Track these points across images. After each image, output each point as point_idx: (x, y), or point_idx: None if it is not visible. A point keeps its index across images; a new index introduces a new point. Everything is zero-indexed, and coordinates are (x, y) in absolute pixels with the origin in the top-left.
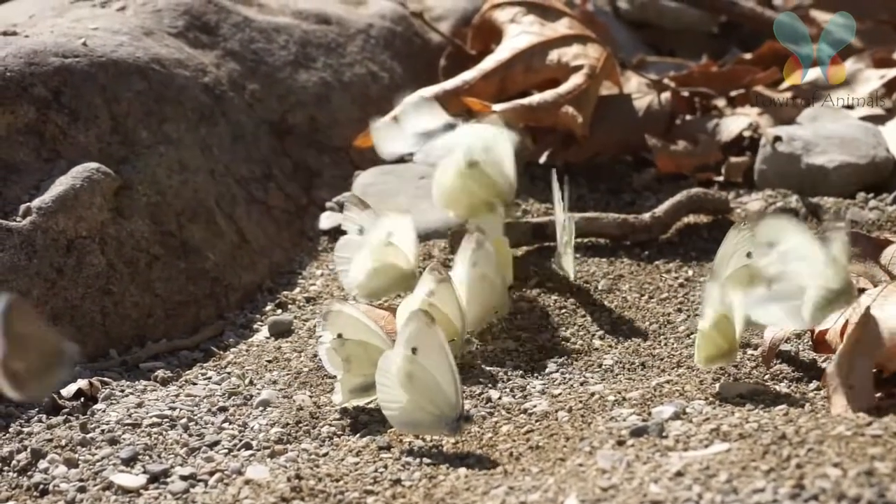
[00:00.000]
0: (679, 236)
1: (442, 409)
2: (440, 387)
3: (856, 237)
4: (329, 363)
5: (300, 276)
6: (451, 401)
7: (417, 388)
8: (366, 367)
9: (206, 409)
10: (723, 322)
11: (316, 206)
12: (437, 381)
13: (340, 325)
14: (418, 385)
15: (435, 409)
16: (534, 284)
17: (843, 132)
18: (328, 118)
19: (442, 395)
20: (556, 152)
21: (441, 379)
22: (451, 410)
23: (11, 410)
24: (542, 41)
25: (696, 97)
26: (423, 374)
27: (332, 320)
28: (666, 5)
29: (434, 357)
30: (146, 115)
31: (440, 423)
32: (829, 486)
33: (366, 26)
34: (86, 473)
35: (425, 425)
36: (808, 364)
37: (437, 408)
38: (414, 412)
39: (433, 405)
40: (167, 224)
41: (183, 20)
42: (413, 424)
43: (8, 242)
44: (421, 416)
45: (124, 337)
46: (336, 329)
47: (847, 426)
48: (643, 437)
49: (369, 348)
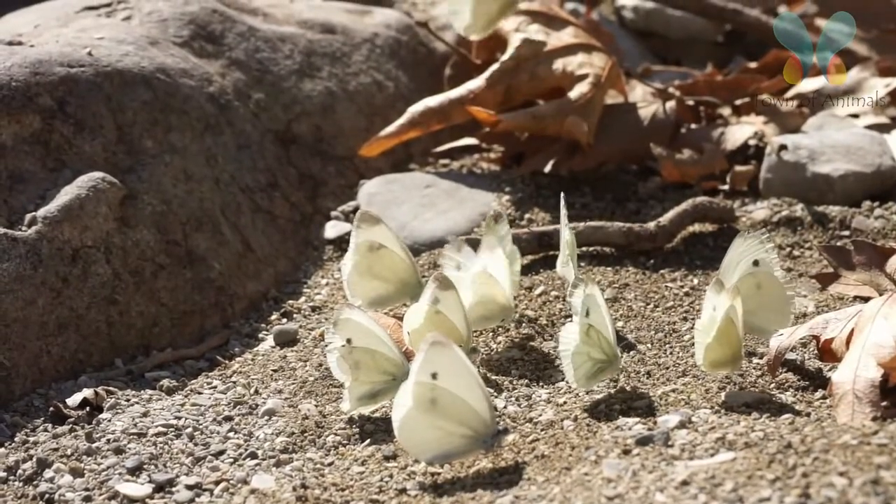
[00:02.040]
0: (684, 245)
1: (476, 428)
2: (469, 406)
3: (861, 246)
4: (337, 369)
5: (305, 285)
6: (484, 418)
7: (443, 413)
8: (374, 375)
9: (211, 418)
10: (727, 329)
11: (321, 215)
12: (464, 401)
13: (349, 331)
14: (444, 410)
15: (468, 430)
16: (539, 293)
17: (849, 141)
18: (333, 127)
19: (473, 415)
20: (561, 161)
21: (469, 397)
22: (485, 428)
23: (17, 420)
24: (548, 50)
25: (701, 106)
26: (449, 397)
27: (342, 326)
28: (671, 14)
29: (457, 377)
30: (151, 124)
31: (476, 444)
32: (835, 495)
33: (371, 36)
34: (91, 483)
35: (461, 451)
36: (814, 373)
37: (469, 429)
38: (443, 442)
39: (465, 427)
40: (172, 233)
41: (188, 30)
42: (447, 455)
43: (13, 252)
44: (453, 443)
45: (130, 346)
46: (345, 335)
47: (853, 435)
48: (649, 445)
49: (377, 356)
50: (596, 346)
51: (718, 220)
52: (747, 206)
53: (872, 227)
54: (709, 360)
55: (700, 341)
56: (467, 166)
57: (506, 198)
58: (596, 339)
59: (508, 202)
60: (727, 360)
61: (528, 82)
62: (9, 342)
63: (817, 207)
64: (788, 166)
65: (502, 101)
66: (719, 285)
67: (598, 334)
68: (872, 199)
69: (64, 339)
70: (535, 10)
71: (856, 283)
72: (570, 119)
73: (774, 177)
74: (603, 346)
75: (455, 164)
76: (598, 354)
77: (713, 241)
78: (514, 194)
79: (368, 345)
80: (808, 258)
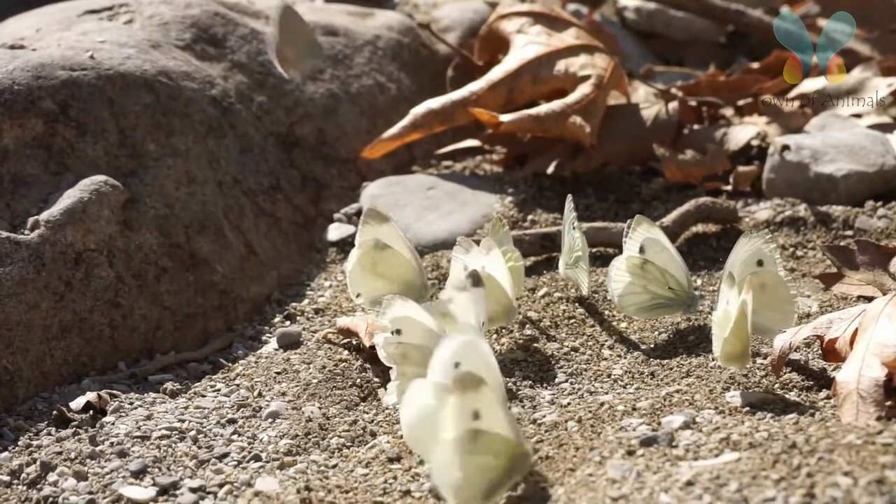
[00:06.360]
0: (687, 245)
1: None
2: (503, 437)
3: (864, 246)
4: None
5: (308, 288)
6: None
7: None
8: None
9: (215, 421)
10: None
11: (324, 217)
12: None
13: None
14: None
15: (504, 461)
16: (542, 294)
17: (852, 141)
18: (336, 130)
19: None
20: (564, 162)
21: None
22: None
23: (21, 423)
24: (550, 51)
25: (703, 107)
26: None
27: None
28: (673, 15)
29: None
30: (154, 127)
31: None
32: (840, 494)
33: (373, 38)
34: (95, 486)
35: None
36: (818, 373)
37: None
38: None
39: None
40: (175, 236)
41: (190, 33)
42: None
43: (16, 255)
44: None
45: (133, 349)
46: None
47: (857, 435)
48: (653, 446)
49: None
50: (656, 281)
51: (722, 221)
52: (750, 207)
53: (875, 227)
54: (725, 352)
55: (717, 334)
56: (470, 168)
57: (508, 199)
58: (657, 275)
59: (511, 203)
60: (739, 354)
61: (530, 83)
62: (12, 346)
63: (820, 207)
64: (791, 166)
65: (505, 103)
66: (732, 279)
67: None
68: (875, 198)
69: (67, 343)
70: (537, 12)
71: (859, 282)
72: (573, 120)
73: (777, 177)
74: (669, 282)
75: (458, 165)
76: (658, 289)
77: (716, 242)
78: (517, 196)
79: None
80: (812, 258)
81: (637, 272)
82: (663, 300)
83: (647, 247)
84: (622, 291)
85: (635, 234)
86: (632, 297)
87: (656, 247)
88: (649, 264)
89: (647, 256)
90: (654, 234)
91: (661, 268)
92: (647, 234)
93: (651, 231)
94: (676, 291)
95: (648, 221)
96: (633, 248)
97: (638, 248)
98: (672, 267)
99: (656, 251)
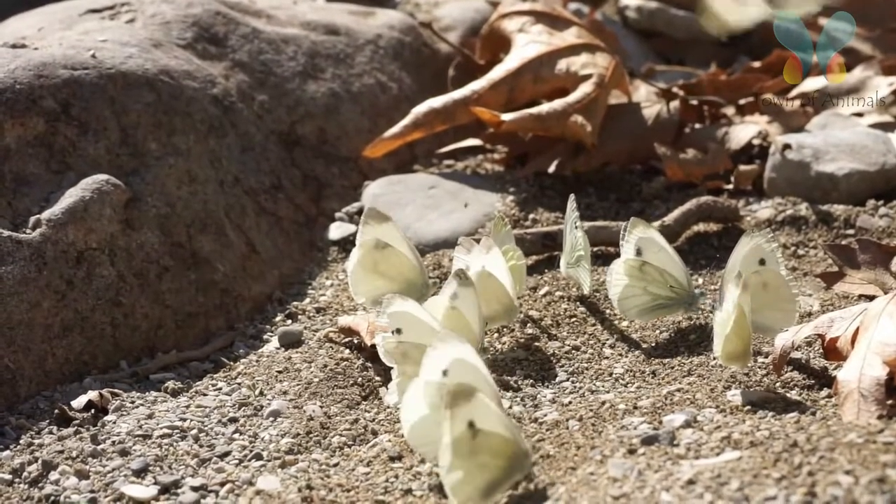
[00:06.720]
0: (689, 244)
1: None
2: (504, 438)
3: (865, 245)
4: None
5: (310, 287)
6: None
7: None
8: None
9: (216, 419)
10: (741, 320)
11: (325, 216)
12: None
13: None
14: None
15: (504, 461)
16: (544, 293)
17: (853, 140)
18: (337, 129)
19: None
20: (565, 162)
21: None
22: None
23: (22, 422)
24: (551, 50)
25: (704, 106)
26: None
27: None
28: (675, 14)
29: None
30: (155, 126)
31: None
32: (841, 493)
33: (374, 37)
34: (97, 485)
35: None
36: (819, 371)
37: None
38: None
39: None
40: (177, 235)
41: (191, 32)
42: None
43: (18, 254)
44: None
45: (134, 348)
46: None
47: (859, 433)
48: (654, 445)
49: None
50: (656, 282)
51: (723, 220)
52: (752, 206)
53: (877, 226)
54: (726, 351)
55: (719, 332)
56: (471, 167)
57: (510, 198)
58: (656, 275)
59: (512, 203)
60: (741, 353)
61: (531, 83)
62: (14, 345)
63: (822, 206)
64: (793, 165)
65: (506, 102)
66: (739, 279)
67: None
68: (877, 197)
69: (69, 342)
70: (538, 11)
71: (861, 281)
72: (574, 119)
73: (779, 176)
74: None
75: (459, 164)
76: (658, 290)
77: (718, 241)
78: (518, 195)
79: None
80: (813, 257)
81: (636, 274)
82: (664, 300)
83: (644, 248)
84: (622, 295)
85: (631, 236)
86: (633, 300)
87: (653, 247)
88: (648, 266)
89: (644, 258)
90: (649, 235)
91: (660, 268)
92: (642, 235)
93: (647, 232)
94: (677, 291)
95: (644, 223)
96: (629, 250)
97: (634, 251)
98: (670, 266)
99: (654, 252)
